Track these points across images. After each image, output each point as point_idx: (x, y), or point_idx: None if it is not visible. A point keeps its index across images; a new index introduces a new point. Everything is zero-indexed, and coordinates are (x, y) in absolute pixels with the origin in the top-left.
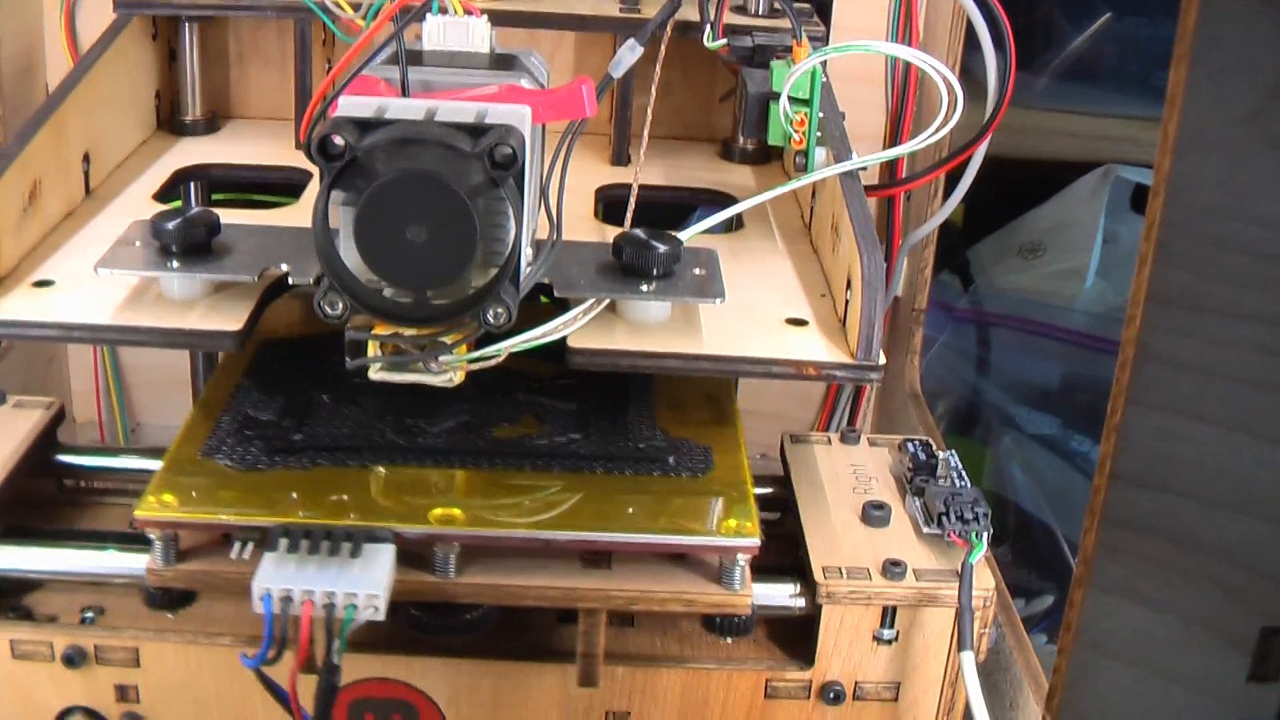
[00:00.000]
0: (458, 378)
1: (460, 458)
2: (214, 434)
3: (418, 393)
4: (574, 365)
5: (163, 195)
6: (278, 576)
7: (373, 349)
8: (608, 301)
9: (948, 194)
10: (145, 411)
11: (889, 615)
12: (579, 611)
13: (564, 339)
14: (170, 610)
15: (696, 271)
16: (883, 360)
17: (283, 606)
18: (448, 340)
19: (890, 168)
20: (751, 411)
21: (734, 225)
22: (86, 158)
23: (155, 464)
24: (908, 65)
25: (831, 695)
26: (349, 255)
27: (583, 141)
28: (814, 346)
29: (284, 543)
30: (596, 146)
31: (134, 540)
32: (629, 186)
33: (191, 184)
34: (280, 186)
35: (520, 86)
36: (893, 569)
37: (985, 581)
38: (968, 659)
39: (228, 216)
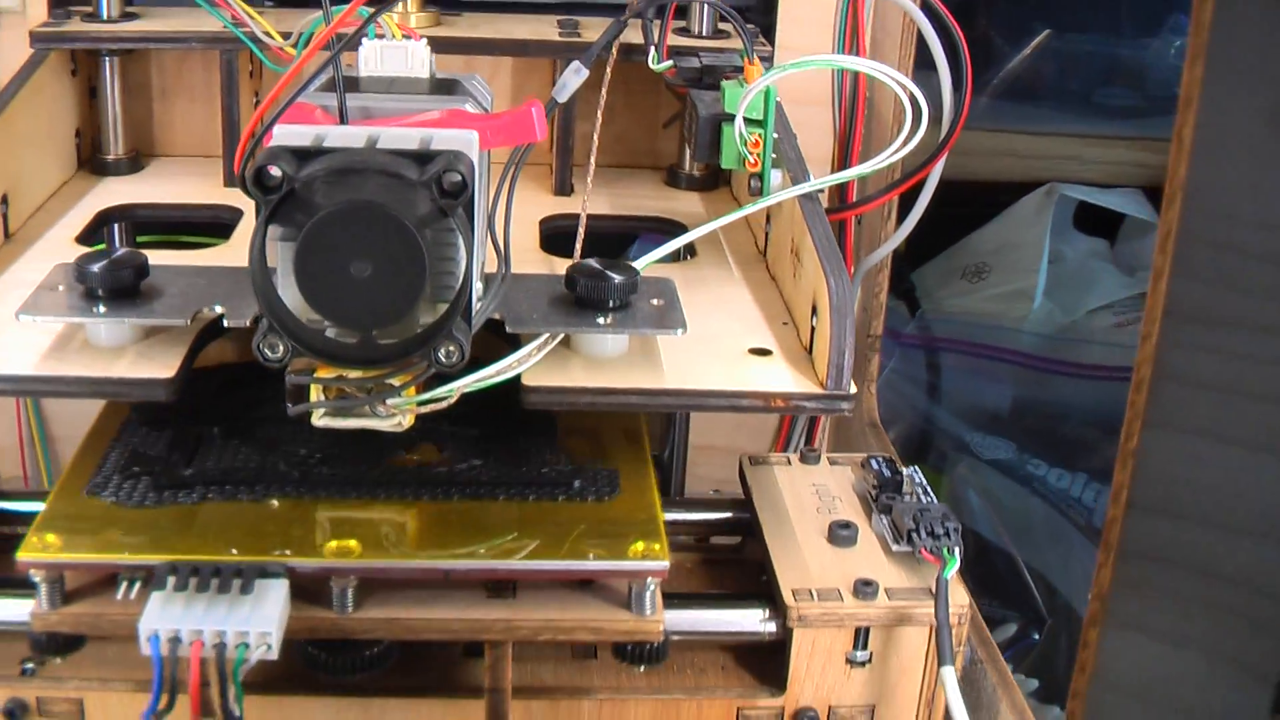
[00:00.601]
0: (407, 421)
1: (356, 489)
2: (99, 471)
3: (310, 426)
4: (529, 405)
5: (85, 238)
6: (164, 616)
7: (315, 394)
8: (561, 336)
9: (901, 217)
10: None
11: (862, 636)
12: (484, 644)
13: (517, 378)
14: (59, 655)
15: (654, 302)
16: (853, 389)
17: (171, 648)
18: (395, 382)
19: (840, 191)
20: (704, 446)
21: (685, 255)
22: (4, 200)
23: (30, 505)
24: (855, 86)
25: None
26: (288, 294)
27: (523, 173)
28: (780, 377)
29: (171, 581)
30: (538, 176)
31: (19, 585)
32: (574, 217)
33: (115, 225)
34: (208, 226)
35: (465, 111)
36: (864, 589)
37: (960, 598)
38: (949, 674)
39: (156, 259)
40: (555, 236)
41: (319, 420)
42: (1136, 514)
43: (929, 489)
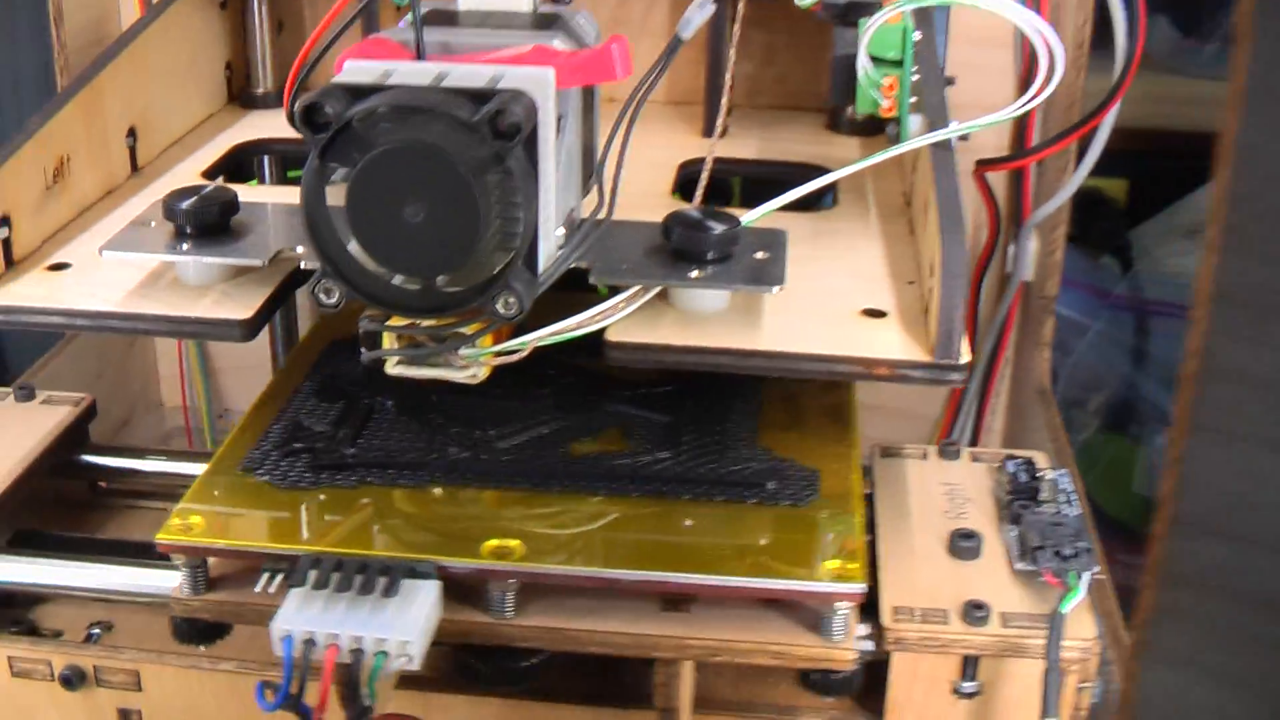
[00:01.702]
0: (482, 373)
1: (528, 479)
2: (259, 445)
3: (493, 400)
4: (612, 361)
5: (215, 172)
6: (301, 616)
7: (388, 341)
8: (657, 290)
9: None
10: (232, 397)
11: (971, 665)
12: (655, 660)
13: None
14: (202, 642)
15: (758, 255)
16: (966, 358)
17: (305, 650)
18: (467, 331)
19: (1019, 138)
20: (873, 406)
21: (828, 202)
22: (132, 132)
23: (188, 467)
24: None
25: None
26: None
27: (675, 113)
28: (889, 342)
29: (313, 576)
30: (691, 118)
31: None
32: (717, 160)
33: (265, 160)
34: None
35: (550, 48)
36: (974, 613)
37: (1084, 630)
38: None
39: (260, 195)
40: (692, 181)
41: (393, 369)
42: (1182, 533)
43: (1073, 498)
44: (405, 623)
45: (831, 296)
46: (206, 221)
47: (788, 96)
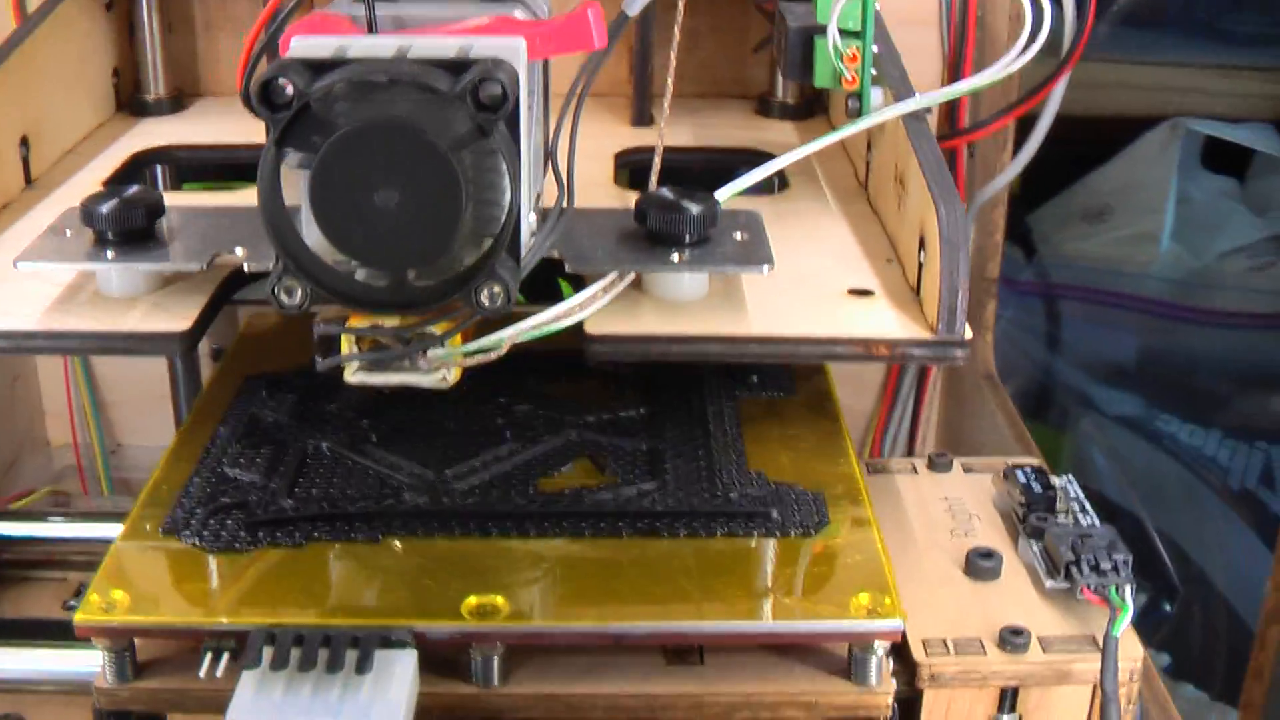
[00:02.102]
0: (452, 376)
1: (500, 523)
2: (180, 503)
3: (442, 436)
4: (594, 357)
5: (115, 182)
6: (261, 705)
7: (347, 345)
8: (632, 277)
9: (1018, 148)
10: (126, 432)
11: (1009, 698)
12: None
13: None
14: None
15: (737, 236)
16: (968, 334)
17: None
18: (436, 330)
19: (951, 117)
20: None
21: (776, 187)
22: (24, 142)
23: (94, 529)
24: (965, 3)
25: None
26: (312, 232)
27: (597, 104)
28: (884, 321)
29: (268, 654)
30: (615, 108)
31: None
32: (653, 149)
33: (159, 170)
34: (255, 169)
35: (513, 18)
36: (1013, 639)
37: (1132, 650)
38: None
39: (174, 200)
40: (633, 171)
41: (352, 376)
42: None
43: (1087, 505)
44: (385, 705)
45: (813, 277)
46: (131, 226)
47: (712, 84)
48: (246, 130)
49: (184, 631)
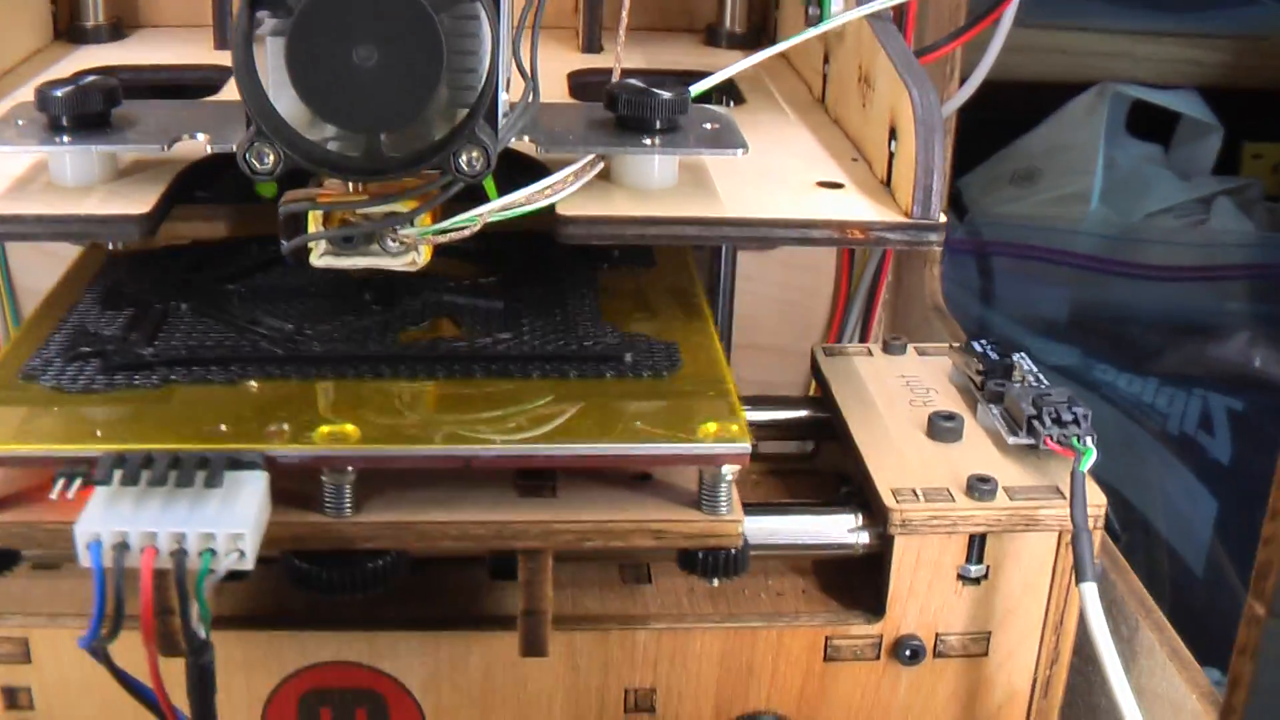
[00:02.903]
0: (422, 257)
1: (354, 367)
2: (39, 353)
3: (304, 299)
4: (565, 239)
5: None
6: (108, 517)
7: (314, 224)
8: (602, 165)
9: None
10: None
11: (976, 546)
12: (516, 557)
13: (552, 208)
14: None
15: (707, 126)
16: (944, 219)
17: (117, 556)
18: (404, 208)
19: None
20: (745, 345)
21: (729, 102)
22: None
23: None
24: None
25: (908, 653)
26: (284, 102)
27: (545, 35)
28: (857, 207)
29: (118, 475)
30: (563, 39)
31: None
32: (606, 71)
33: None
34: (200, 90)
35: None
36: (980, 486)
37: (1096, 496)
38: (1089, 592)
39: None
40: (588, 89)
41: (318, 259)
42: None
43: (1041, 377)
44: (234, 514)
45: (780, 171)
46: (88, 110)
47: (659, 17)
48: (188, 54)
49: (35, 460)
